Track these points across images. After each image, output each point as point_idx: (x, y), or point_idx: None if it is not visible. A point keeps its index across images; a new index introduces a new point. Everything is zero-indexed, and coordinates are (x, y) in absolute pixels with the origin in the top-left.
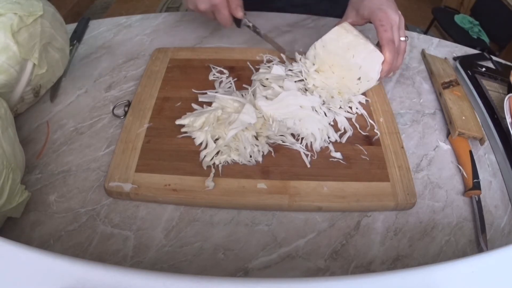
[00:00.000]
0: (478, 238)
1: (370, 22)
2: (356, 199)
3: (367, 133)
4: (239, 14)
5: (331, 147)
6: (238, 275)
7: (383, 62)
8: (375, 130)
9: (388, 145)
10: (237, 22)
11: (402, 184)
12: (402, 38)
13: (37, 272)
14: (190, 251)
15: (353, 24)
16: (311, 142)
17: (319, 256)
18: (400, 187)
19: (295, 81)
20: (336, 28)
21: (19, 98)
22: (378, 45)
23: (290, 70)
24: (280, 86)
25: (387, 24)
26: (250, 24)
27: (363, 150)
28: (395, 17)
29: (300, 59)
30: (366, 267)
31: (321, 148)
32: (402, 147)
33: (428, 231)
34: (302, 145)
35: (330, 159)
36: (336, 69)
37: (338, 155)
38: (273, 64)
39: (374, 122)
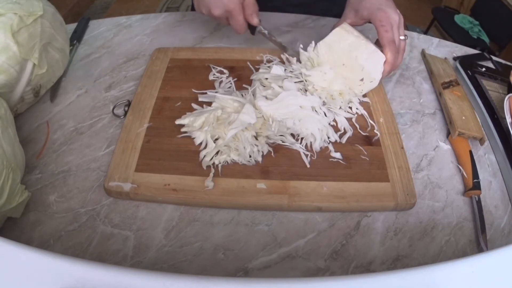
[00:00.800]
0: (478, 238)
1: (369, 22)
2: (356, 199)
3: (367, 134)
4: (255, 20)
5: (331, 147)
6: (238, 275)
7: (384, 62)
8: (375, 131)
9: (388, 145)
10: (252, 29)
11: (402, 184)
12: (402, 37)
13: (37, 272)
14: (190, 251)
15: (352, 25)
16: (311, 142)
17: (319, 256)
18: (400, 187)
19: (295, 82)
20: (337, 29)
21: (19, 98)
22: (377, 44)
23: (290, 71)
24: (280, 86)
25: (387, 24)
26: (266, 32)
27: (363, 150)
28: (395, 17)
29: (300, 61)
30: (366, 267)
31: (321, 148)
32: (402, 148)
33: (428, 231)
34: (302, 145)
35: (330, 159)
36: (338, 70)
37: (338, 155)
38: (273, 64)
39: (374, 123)
